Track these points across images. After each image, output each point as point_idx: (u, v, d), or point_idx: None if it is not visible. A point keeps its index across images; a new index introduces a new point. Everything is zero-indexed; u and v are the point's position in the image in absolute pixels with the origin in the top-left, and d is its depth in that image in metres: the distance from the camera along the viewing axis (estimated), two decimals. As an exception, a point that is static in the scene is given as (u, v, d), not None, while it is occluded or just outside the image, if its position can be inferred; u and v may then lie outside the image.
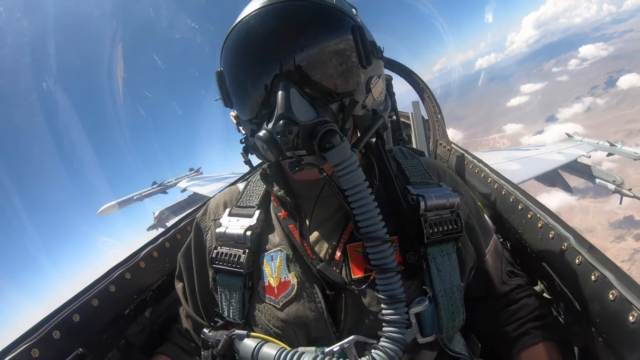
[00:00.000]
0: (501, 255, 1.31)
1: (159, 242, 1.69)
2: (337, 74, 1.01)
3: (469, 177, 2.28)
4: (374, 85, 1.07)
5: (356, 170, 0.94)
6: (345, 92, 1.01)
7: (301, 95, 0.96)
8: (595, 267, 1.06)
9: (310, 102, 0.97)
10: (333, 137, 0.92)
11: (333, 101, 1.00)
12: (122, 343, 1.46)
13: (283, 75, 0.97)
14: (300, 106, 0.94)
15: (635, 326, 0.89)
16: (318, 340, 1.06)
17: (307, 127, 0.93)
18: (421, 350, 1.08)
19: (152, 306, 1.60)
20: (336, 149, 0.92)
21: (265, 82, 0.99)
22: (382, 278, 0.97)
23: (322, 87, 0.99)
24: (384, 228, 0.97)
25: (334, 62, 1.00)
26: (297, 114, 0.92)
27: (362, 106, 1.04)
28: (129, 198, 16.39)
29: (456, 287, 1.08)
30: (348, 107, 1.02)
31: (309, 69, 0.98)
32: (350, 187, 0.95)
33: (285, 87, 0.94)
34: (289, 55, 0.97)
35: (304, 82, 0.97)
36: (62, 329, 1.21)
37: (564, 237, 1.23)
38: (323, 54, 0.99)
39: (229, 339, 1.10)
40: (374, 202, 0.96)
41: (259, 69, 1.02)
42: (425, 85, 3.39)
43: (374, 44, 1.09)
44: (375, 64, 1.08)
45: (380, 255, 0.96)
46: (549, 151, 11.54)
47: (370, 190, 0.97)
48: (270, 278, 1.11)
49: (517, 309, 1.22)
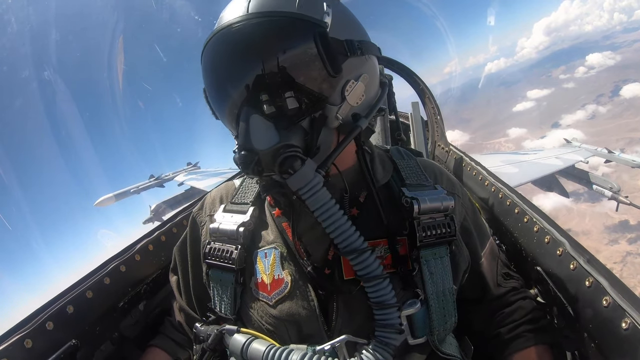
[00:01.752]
0: (497, 258, 1.31)
1: (154, 236, 1.69)
2: (302, 90, 0.96)
3: (466, 180, 2.28)
4: (349, 91, 1.01)
5: (319, 192, 0.94)
6: (314, 108, 0.98)
7: (265, 119, 0.95)
8: (589, 273, 1.06)
9: (275, 125, 0.95)
10: (293, 163, 0.91)
11: (300, 119, 0.97)
12: (115, 335, 1.46)
13: (245, 102, 0.97)
14: (260, 133, 0.94)
15: (627, 333, 0.89)
16: (309, 338, 1.06)
17: (267, 153, 0.93)
18: (412, 352, 1.08)
19: (146, 299, 1.60)
20: (296, 175, 0.92)
21: (234, 109, 1.00)
22: (370, 286, 0.97)
23: (286, 107, 0.96)
24: (360, 238, 0.96)
25: (298, 77, 0.95)
26: (256, 142, 0.93)
27: (335, 118, 1.01)
28: (126, 191, 16.37)
29: (448, 290, 1.08)
30: (317, 122, 0.99)
31: (270, 90, 0.95)
32: (316, 208, 0.95)
33: (245, 115, 0.95)
34: (246, 80, 0.96)
35: (267, 104, 0.96)
36: (56, 320, 1.20)
37: (559, 242, 1.23)
38: (284, 72, 0.94)
39: (219, 334, 1.11)
40: (343, 216, 0.96)
41: (224, 97, 1.03)
42: (425, 86, 3.39)
43: (350, 42, 1.01)
44: (350, 65, 1.01)
45: (363, 265, 0.96)
46: (547, 156, 11.58)
47: (338, 206, 0.96)
48: (263, 275, 1.11)
49: (511, 312, 1.22)
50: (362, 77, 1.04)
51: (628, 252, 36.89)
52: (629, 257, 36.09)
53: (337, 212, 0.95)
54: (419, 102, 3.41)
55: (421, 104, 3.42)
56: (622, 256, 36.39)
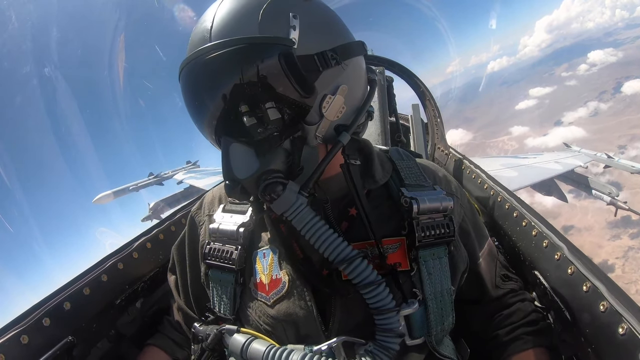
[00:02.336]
0: (495, 259, 1.31)
1: (153, 234, 1.69)
2: (277, 113, 0.96)
3: (465, 182, 2.28)
4: (327, 107, 0.99)
5: (303, 211, 0.94)
6: (291, 129, 0.98)
7: (244, 145, 0.96)
8: (587, 278, 1.06)
9: (256, 150, 0.96)
10: (275, 189, 0.92)
11: (280, 143, 0.96)
12: (112, 333, 1.46)
13: (222, 131, 0.99)
14: (240, 161, 0.95)
15: (624, 338, 0.89)
16: (307, 339, 1.06)
17: (250, 181, 0.94)
18: (409, 353, 1.08)
19: (143, 297, 1.60)
20: (278, 201, 0.93)
21: (212, 135, 1.04)
22: (366, 292, 0.97)
23: (264, 132, 0.96)
24: (347, 247, 0.96)
25: (270, 101, 0.94)
26: (237, 172, 0.94)
27: (315, 137, 1.01)
28: (125, 188, 16.33)
29: (446, 291, 1.09)
30: (297, 143, 0.99)
31: (246, 117, 0.95)
32: (301, 227, 0.95)
33: (225, 145, 0.96)
34: (218, 110, 0.97)
35: (245, 131, 0.96)
36: (53, 316, 1.20)
37: (557, 246, 1.23)
38: (254, 98, 0.94)
39: (219, 334, 1.11)
40: (328, 229, 0.96)
41: (201, 125, 1.05)
42: (426, 88, 3.39)
43: (322, 55, 0.96)
44: (325, 79, 0.97)
45: (355, 272, 0.96)
46: (546, 160, 11.57)
47: (323, 222, 0.96)
48: (261, 275, 1.11)
49: (510, 314, 1.22)
50: (339, 89, 1.00)
51: (630, 247, 37.73)
52: (630, 252, 37.09)
53: (322, 227, 0.95)
54: (419, 104, 3.42)
55: (421, 106, 3.42)
56: (624, 251, 37.38)
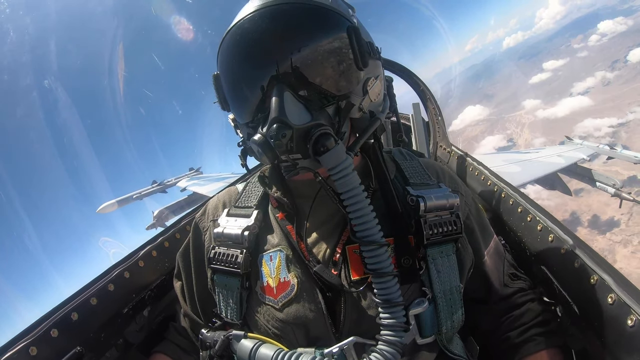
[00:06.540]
0: (502, 257, 1.30)
1: (158, 242, 1.69)
2: (333, 76, 1.00)
3: (469, 180, 2.28)
4: (371, 87, 1.06)
5: (351, 174, 0.94)
6: (341, 95, 1.01)
7: (296, 98, 0.96)
8: (594, 271, 1.06)
9: (305, 106, 0.96)
10: (327, 141, 0.91)
11: (329, 104, 0.99)
12: (120, 342, 1.46)
13: (278, 79, 0.97)
14: (294, 109, 0.94)
15: (633, 330, 0.89)
16: (317, 341, 1.05)
17: (301, 130, 0.92)
18: (420, 352, 1.07)
19: (150, 305, 1.60)
20: (330, 153, 0.91)
21: (261, 85, 0.99)
22: (379, 282, 0.97)
23: (317, 90, 0.98)
24: (380, 232, 0.96)
25: (330, 64, 0.99)
26: (291, 117, 0.92)
27: (358, 109, 1.04)
28: (129, 197, 16.41)
29: (455, 288, 1.08)
30: (344, 110, 1.01)
31: (304, 72, 0.97)
32: (345, 190, 0.94)
33: (279, 90, 0.94)
34: (283, 58, 0.97)
35: (298, 85, 0.97)
36: (60, 327, 1.20)
37: (563, 240, 1.23)
38: (318, 56, 0.98)
39: (226, 340, 1.10)
40: (369, 205, 0.95)
41: (254, 72, 1.02)
42: (426, 87, 3.40)
43: (371, 44, 1.08)
44: (372, 65, 1.07)
45: (376, 259, 0.96)
46: (549, 154, 11.55)
47: (366, 193, 0.96)
48: (269, 278, 1.10)
49: (521, 314, 1.21)
50: (379, 77, 1.11)
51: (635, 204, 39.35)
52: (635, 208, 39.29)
53: (365, 199, 0.95)
54: (419, 103, 3.43)
55: (422, 105, 3.43)
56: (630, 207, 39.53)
